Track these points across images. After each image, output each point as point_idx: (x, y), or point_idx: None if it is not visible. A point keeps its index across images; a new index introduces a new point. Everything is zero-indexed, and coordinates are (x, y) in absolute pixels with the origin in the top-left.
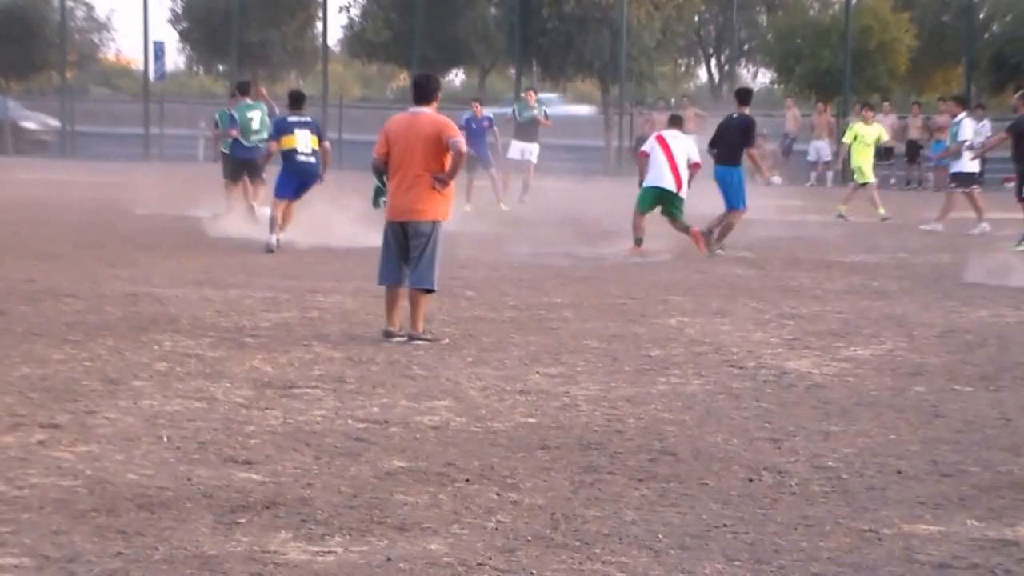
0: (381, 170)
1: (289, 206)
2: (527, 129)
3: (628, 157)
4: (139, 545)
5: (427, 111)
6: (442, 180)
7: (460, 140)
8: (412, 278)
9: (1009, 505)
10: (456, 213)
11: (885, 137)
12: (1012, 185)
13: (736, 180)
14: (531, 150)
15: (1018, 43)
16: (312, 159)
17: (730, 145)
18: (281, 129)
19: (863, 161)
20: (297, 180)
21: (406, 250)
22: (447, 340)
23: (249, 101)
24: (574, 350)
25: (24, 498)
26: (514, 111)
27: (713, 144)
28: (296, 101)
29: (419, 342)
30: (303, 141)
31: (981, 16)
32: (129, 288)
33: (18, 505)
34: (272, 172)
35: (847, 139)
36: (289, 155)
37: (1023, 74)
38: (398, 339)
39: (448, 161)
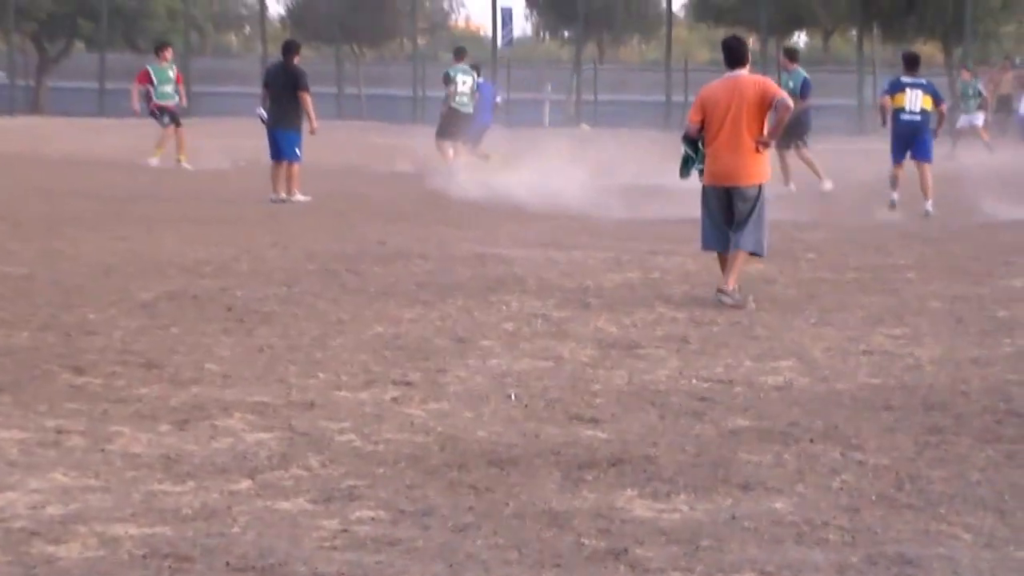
0: (694, 138)
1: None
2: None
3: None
4: (489, 500)
5: (744, 73)
6: (764, 142)
7: (786, 97)
8: (737, 239)
9: None
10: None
11: None
12: None
13: None
14: (975, 119)
15: None
16: (917, 118)
17: None
18: (893, 88)
19: None
20: (902, 138)
21: (729, 214)
22: (754, 305)
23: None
24: (917, 311)
25: (379, 453)
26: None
27: None
28: (911, 63)
29: (725, 299)
30: (912, 100)
31: None
32: (476, 249)
33: (373, 460)
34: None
35: None
36: (896, 114)
37: None
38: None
39: (769, 121)
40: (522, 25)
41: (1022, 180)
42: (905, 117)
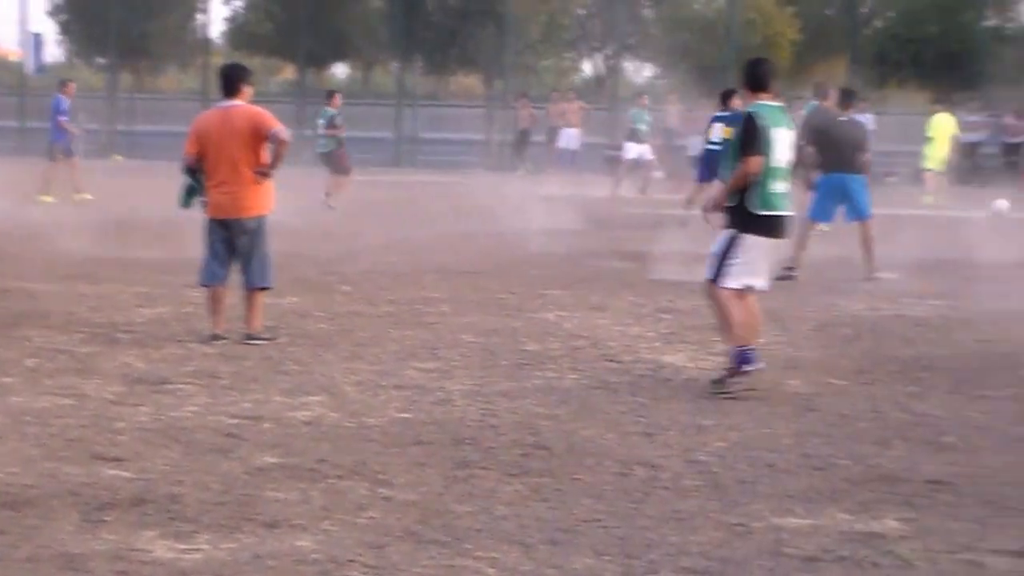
0: (193, 168)
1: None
2: (640, 133)
3: (509, 151)
4: (2, 544)
5: (239, 103)
6: (265, 173)
7: (281, 129)
8: (248, 278)
9: (877, 498)
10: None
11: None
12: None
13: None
14: (647, 151)
15: (899, 39)
16: (716, 148)
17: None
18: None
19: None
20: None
21: (231, 248)
22: (284, 338)
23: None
24: (451, 345)
25: None
26: (632, 117)
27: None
28: (723, 98)
29: (258, 342)
30: (715, 132)
31: (864, 11)
32: None
33: None
34: None
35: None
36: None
37: (905, 69)
38: (225, 341)
39: (269, 152)
40: (54, 51)
41: (557, 212)
42: (708, 147)
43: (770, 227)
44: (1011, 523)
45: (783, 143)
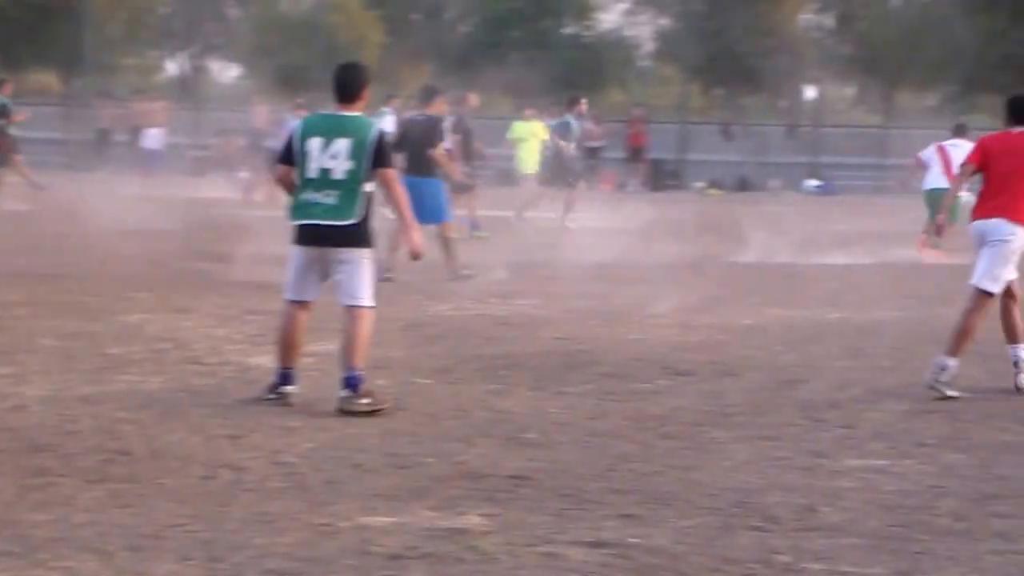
0: None
1: None
2: None
3: (88, 150)
4: None
5: None
6: None
7: None
8: None
9: (461, 494)
10: None
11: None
12: None
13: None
14: None
15: (483, 44)
16: None
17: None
18: None
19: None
20: None
21: None
22: None
23: None
24: (28, 349)
25: None
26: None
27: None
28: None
29: None
30: None
31: (448, 16)
32: None
33: None
34: None
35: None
36: None
37: (487, 74)
38: None
39: None
40: None
41: (140, 213)
42: None
43: (301, 236)
44: (587, 515)
45: (326, 153)
